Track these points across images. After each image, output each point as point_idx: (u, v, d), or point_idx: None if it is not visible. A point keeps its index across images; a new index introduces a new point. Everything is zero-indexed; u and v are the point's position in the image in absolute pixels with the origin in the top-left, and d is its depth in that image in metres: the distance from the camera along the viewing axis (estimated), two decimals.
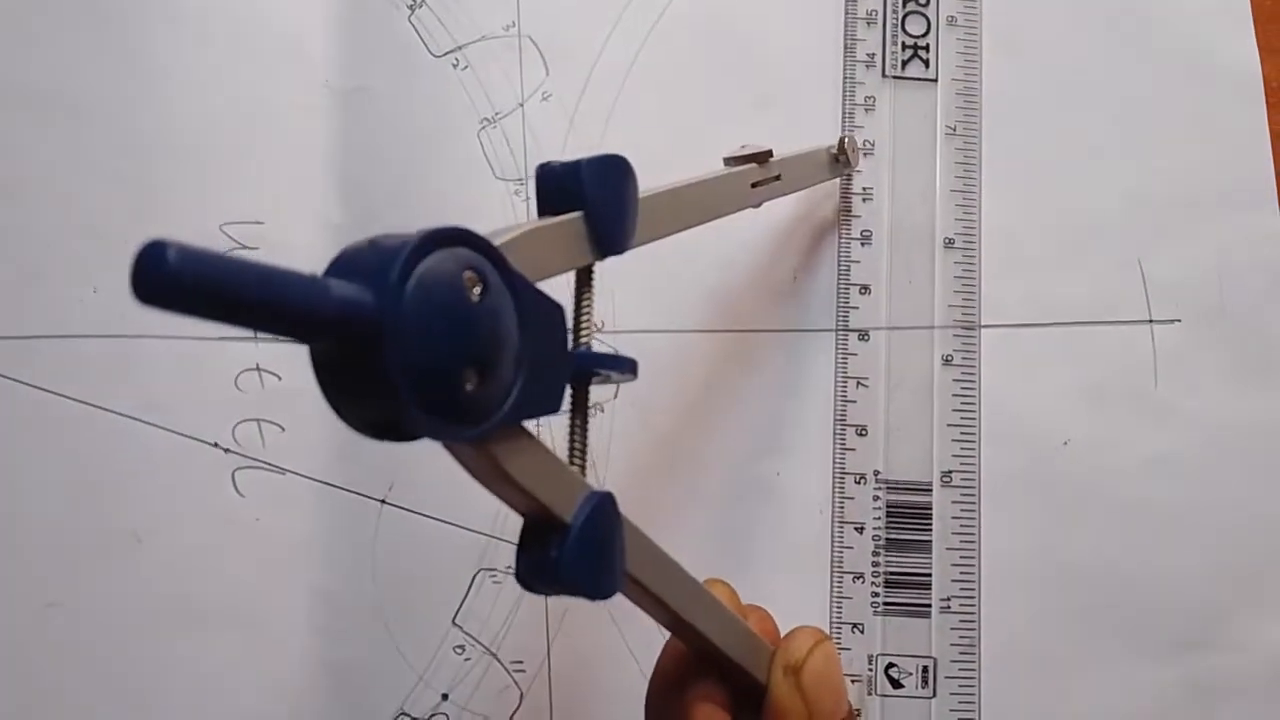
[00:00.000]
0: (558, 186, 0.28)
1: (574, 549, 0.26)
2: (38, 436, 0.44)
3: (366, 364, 0.20)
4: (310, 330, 0.20)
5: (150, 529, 0.44)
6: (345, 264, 0.21)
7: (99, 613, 0.44)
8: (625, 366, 0.28)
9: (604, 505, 0.27)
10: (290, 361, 0.45)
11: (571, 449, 0.28)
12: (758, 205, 0.39)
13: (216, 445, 0.44)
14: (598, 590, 0.27)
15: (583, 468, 0.28)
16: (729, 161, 0.38)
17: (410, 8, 0.47)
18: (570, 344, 0.27)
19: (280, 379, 0.45)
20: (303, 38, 0.46)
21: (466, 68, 0.46)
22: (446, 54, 0.46)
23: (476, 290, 0.22)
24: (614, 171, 0.28)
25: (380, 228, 0.21)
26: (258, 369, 0.45)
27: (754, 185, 0.38)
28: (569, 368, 0.27)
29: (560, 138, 0.46)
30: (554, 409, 0.26)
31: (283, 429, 0.44)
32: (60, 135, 0.46)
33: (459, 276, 0.22)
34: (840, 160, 0.44)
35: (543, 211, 0.28)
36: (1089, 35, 0.47)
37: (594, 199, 0.28)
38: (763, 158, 0.38)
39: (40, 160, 0.46)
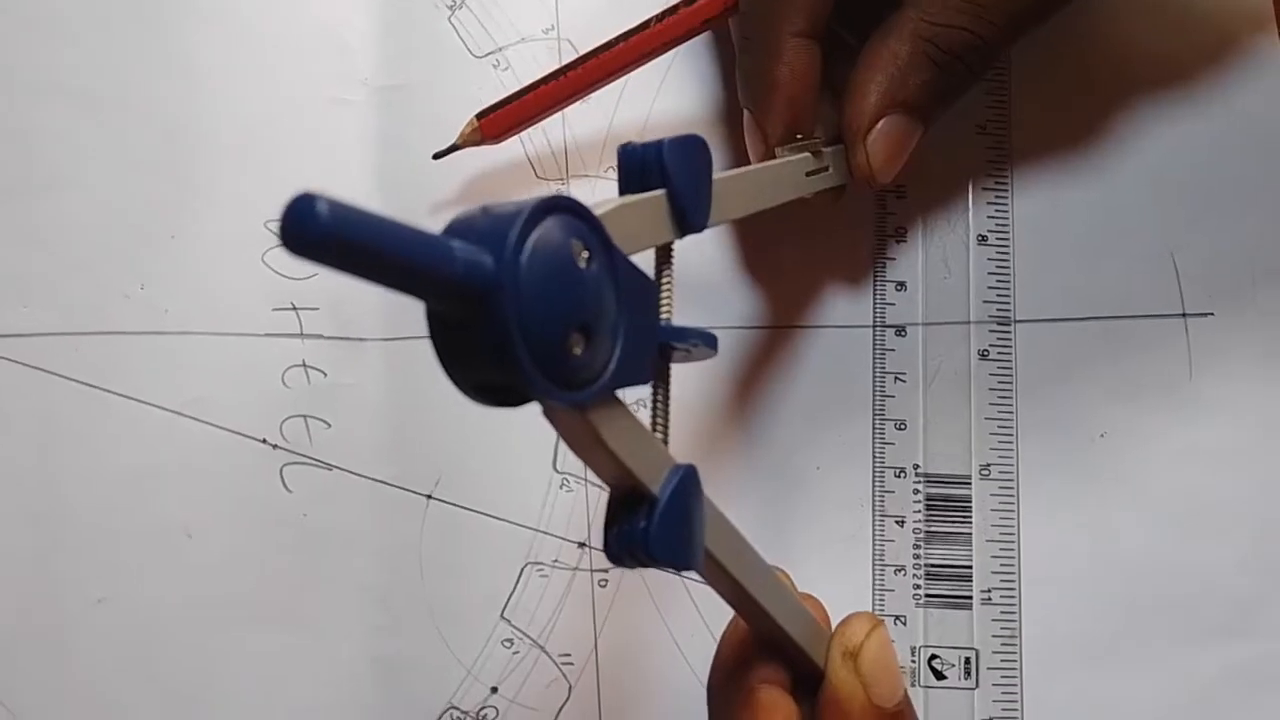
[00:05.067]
0: (640, 166, 0.28)
1: (663, 521, 0.26)
2: (87, 433, 0.44)
3: (483, 325, 0.21)
4: (436, 290, 0.20)
5: (200, 524, 0.44)
6: (460, 229, 0.22)
7: (149, 608, 0.44)
8: (707, 341, 0.29)
9: (689, 478, 0.27)
10: (336, 358, 0.45)
11: (654, 422, 0.28)
12: (810, 195, 0.39)
13: (265, 441, 0.45)
14: (684, 561, 0.27)
15: (665, 441, 0.28)
16: (782, 150, 0.40)
17: (450, 8, 0.47)
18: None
19: (326, 375, 0.45)
20: (343, 35, 0.47)
21: (507, 69, 0.47)
22: (487, 55, 0.47)
23: (584, 256, 0.23)
24: (693, 151, 0.29)
25: (423, 227, 0.22)
26: (304, 365, 0.45)
27: (808, 174, 0.39)
28: (655, 341, 0.27)
29: (600, 139, 0.47)
30: (645, 379, 0.26)
31: (329, 425, 0.45)
32: (102, 131, 0.46)
33: (568, 243, 0.23)
34: None
35: (624, 190, 0.28)
36: (1118, 29, 0.47)
37: (676, 177, 0.28)
38: (816, 147, 0.39)
39: (82, 156, 0.46)
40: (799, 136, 0.39)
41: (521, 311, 0.21)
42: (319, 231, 0.18)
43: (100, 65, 0.46)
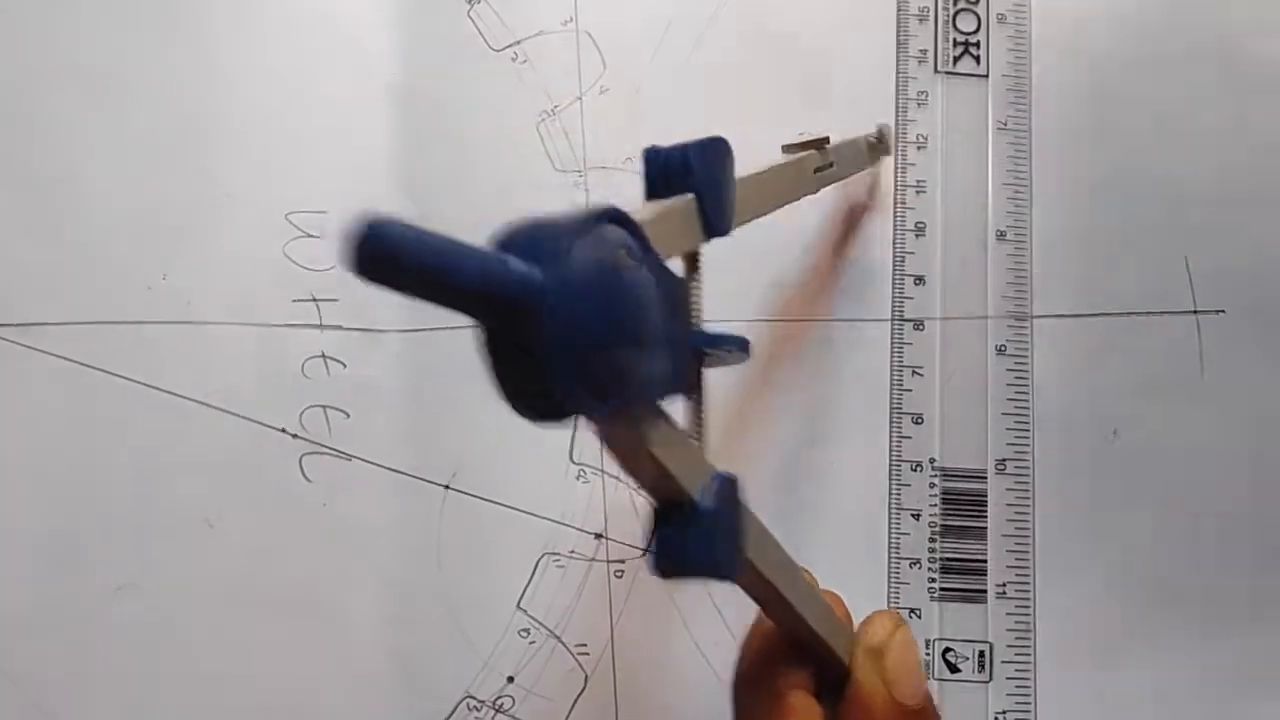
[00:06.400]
0: (666, 170, 0.28)
1: (706, 530, 0.26)
2: (109, 422, 0.44)
3: (533, 338, 0.21)
4: (492, 308, 0.20)
5: (220, 513, 0.44)
6: (508, 243, 0.21)
7: (169, 595, 0.44)
8: (740, 345, 0.29)
9: (729, 486, 0.27)
10: (355, 349, 0.45)
11: (691, 430, 0.28)
12: (816, 191, 0.39)
13: (284, 431, 0.45)
14: (727, 571, 0.27)
15: (703, 448, 0.28)
16: (788, 149, 0.39)
17: (469, 2, 0.47)
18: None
19: (345, 366, 0.45)
20: (364, 29, 0.47)
21: (525, 62, 0.47)
22: (506, 48, 0.47)
23: (630, 267, 0.23)
24: (718, 153, 0.29)
25: (442, 218, 0.22)
26: (323, 356, 0.45)
27: (815, 171, 0.39)
28: (690, 347, 0.27)
29: (619, 131, 0.47)
30: (686, 388, 0.26)
31: (348, 415, 0.45)
32: (126, 123, 0.46)
33: (615, 254, 0.22)
34: (877, 146, 0.45)
35: (651, 195, 0.28)
36: (1135, 34, 0.48)
37: (703, 181, 0.28)
38: (820, 144, 0.39)
39: (107, 149, 0.46)
40: (801, 134, 0.39)
41: (574, 324, 0.21)
42: (389, 256, 0.18)
43: (124, 61, 0.46)
